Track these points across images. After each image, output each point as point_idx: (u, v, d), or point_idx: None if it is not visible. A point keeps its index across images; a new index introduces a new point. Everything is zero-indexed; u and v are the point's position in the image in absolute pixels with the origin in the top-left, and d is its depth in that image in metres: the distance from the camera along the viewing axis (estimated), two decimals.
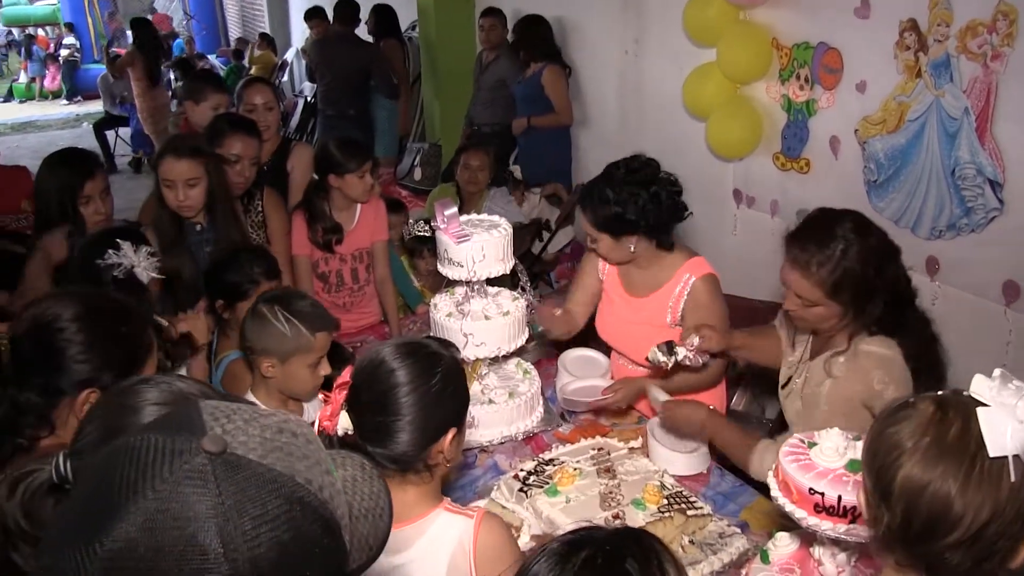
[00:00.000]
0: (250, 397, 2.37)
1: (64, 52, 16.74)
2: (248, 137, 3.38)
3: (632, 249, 2.72)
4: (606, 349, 3.11)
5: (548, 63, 5.64)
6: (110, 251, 2.33)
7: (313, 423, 1.66)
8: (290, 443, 0.84)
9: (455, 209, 2.66)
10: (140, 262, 2.37)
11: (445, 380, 1.71)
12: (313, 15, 8.44)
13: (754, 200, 4.56)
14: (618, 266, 2.90)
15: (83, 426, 1.14)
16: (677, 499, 2.47)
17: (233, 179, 3.28)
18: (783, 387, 2.53)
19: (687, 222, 2.82)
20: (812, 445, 1.73)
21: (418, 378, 1.67)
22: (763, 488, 2.59)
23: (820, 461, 1.67)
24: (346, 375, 1.67)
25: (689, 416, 2.47)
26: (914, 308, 2.29)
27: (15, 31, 20.16)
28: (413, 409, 1.66)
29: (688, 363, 2.51)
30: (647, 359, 2.52)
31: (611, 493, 2.51)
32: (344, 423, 1.65)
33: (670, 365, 2.50)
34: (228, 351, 2.75)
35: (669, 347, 2.49)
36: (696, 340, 2.48)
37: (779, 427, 2.99)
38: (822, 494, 1.60)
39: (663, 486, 2.52)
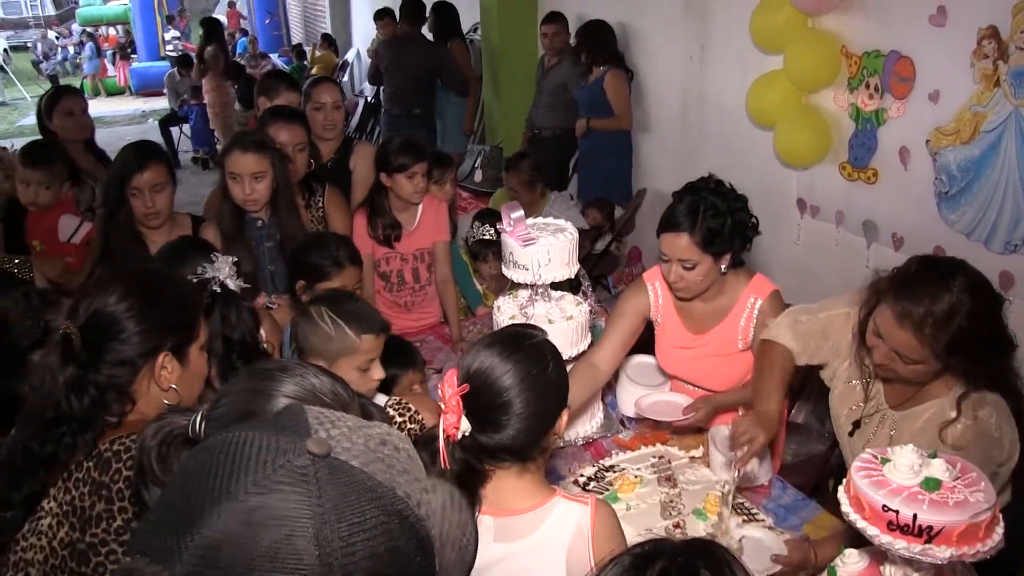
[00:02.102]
0: None
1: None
2: (290, 124, 3.39)
3: (722, 270, 2.56)
4: None
5: (610, 68, 5.62)
6: (204, 265, 2.35)
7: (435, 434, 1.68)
8: (392, 456, 0.83)
9: (522, 212, 2.67)
10: (228, 272, 2.38)
11: (554, 366, 1.74)
12: (383, 15, 8.52)
13: (818, 210, 4.49)
14: (678, 303, 2.75)
15: (220, 397, 1.21)
16: (738, 510, 2.45)
17: None
18: (852, 433, 2.38)
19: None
20: (885, 461, 1.69)
21: (530, 373, 1.68)
22: (826, 502, 2.57)
23: (894, 478, 1.64)
24: (452, 379, 1.68)
25: (801, 563, 2.23)
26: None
27: (88, 29, 20.83)
28: (530, 404, 1.67)
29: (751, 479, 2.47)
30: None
31: (672, 502, 2.49)
32: (464, 427, 1.66)
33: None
34: None
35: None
36: (755, 463, 2.41)
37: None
38: (896, 512, 1.57)
39: (724, 496, 2.50)
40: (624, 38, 5.90)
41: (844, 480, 1.74)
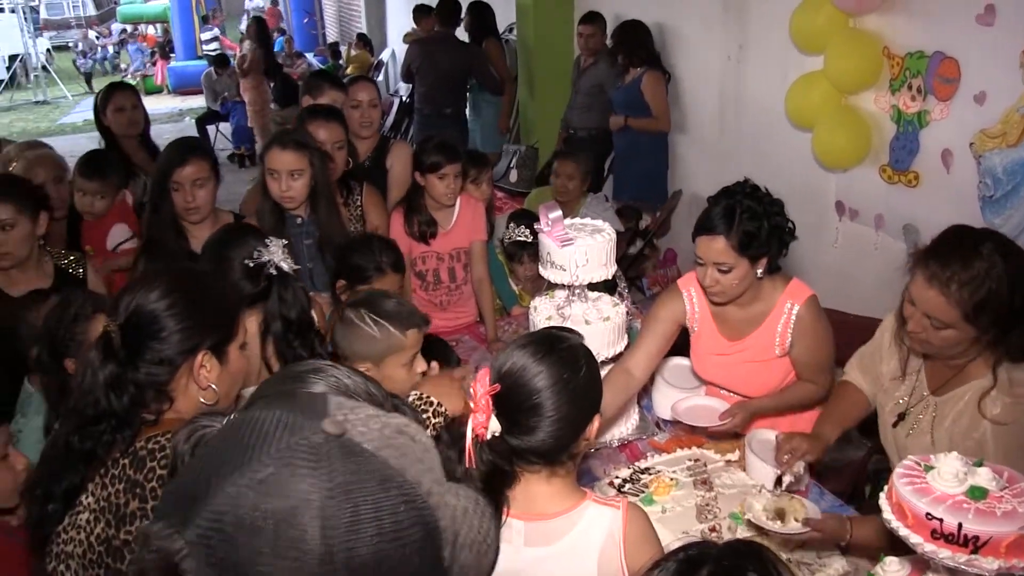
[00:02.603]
0: None
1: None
2: (328, 122, 3.43)
3: (759, 274, 2.54)
4: None
5: (648, 69, 5.58)
6: (259, 249, 2.39)
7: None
8: (407, 445, 0.84)
9: (559, 212, 2.66)
10: (282, 255, 2.43)
11: (587, 371, 1.72)
12: (423, 13, 8.55)
13: (857, 213, 4.43)
14: (714, 309, 2.73)
15: (252, 399, 1.20)
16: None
17: None
18: (896, 424, 2.38)
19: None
20: (928, 468, 1.66)
21: (563, 376, 1.67)
22: (863, 509, 2.54)
23: (938, 485, 1.61)
24: (484, 378, 1.68)
25: (835, 533, 2.22)
26: None
27: (128, 28, 21.20)
28: (562, 408, 1.66)
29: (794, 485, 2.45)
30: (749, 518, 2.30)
31: (708, 505, 2.48)
32: (494, 427, 1.66)
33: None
34: None
35: (779, 483, 2.44)
36: (802, 466, 2.42)
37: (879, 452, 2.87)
38: (940, 520, 1.54)
39: None
40: (661, 38, 5.87)
41: (886, 486, 1.72)
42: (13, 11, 18.35)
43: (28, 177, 3.32)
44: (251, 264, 2.38)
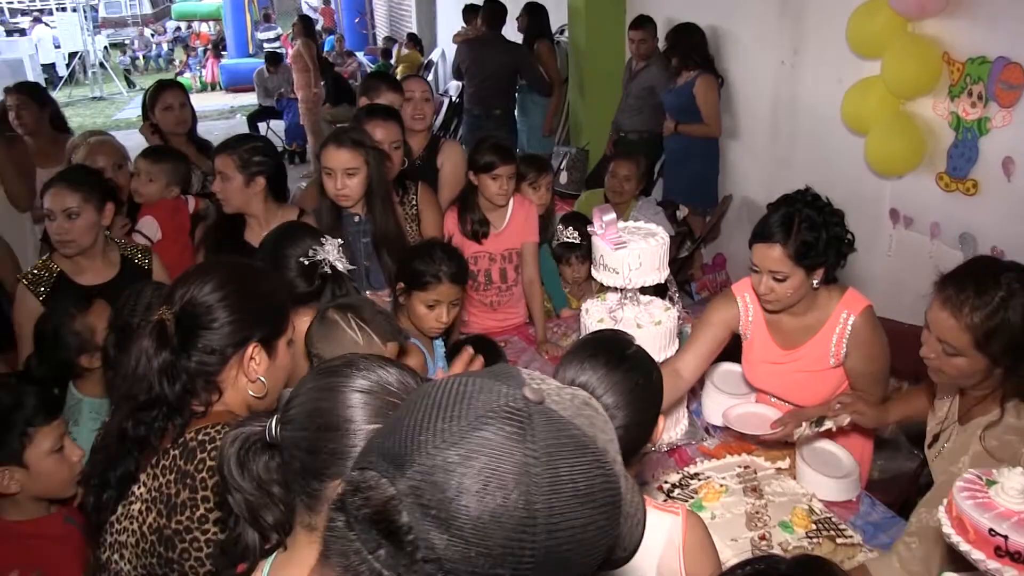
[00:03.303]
0: None
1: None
2: (386, 122, 3.45)
3: (814, 285, 2.52)
4: None
5: (701, 72, 5.55)
6: (314, 248, 2.42)
7: None
8: (593, 415, 0.87)
9: (614, 215, 2.66)
10: (336, 255, 2.45)
11: (656, 376, 1.73)
12: (473, 13, 8.59)
13: (912, 221, 4.37)
14: (768, 317, 2.72)
15: (291, 399, 1.23)
16: (826, 525, 2.41)
17: None
18: (930, 446, 2.35)
19: None
20: (991, 483, 1.64)
21: (637, 383, 1.67)
22: None
23: (1001, 501, 1.58)
24: None
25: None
26: None
27: (182, 26, 21.61)
28: (635, 414, 1.66)
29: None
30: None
31: (758, 513, 2.46)
32: None
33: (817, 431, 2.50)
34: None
35: (818, 422, 2.47)
36: (846, 419, 2.44)
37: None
38: (1005, 537, 1.52)
39: (812, 510, 2.46)
40: (715, 42, 5.83)
41: (946, 500, 1.69)
42: (75, 10, 18.81)
43: (90, 163, 3.38)
44: (306, 262, 2.41)
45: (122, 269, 3.05)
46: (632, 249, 2.65)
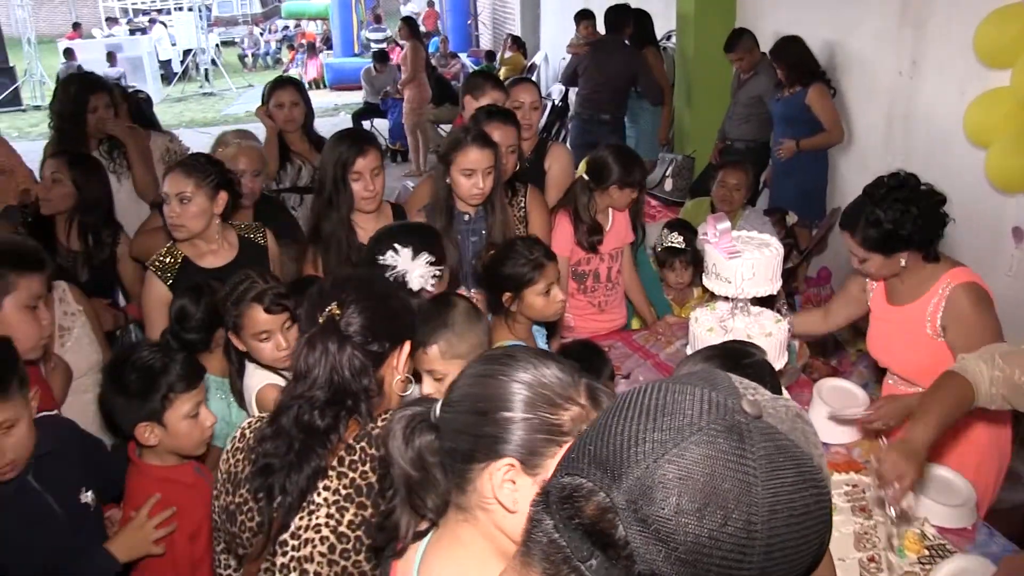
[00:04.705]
0: None
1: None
2: (505, 125, 3.45)
3: (903, 263, 2.65)
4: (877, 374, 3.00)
5: (813, 82, 5.42)
6: (389, 252, 2.45)
7: None
8: (806, 428, 0.85)
9: (728, 224, 2.64)
10: (415, 269, 2.45)
11: (770, 389, 1.70)
12: (583, 17, 8.59)
13: None
14: (884, 280, 2.86)
15: (455, 383, 1.28)
16: (940, 552, 2.33)
17: None
18: None
19: (959, 256, 2.73)
20: None
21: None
22: None
23: None
24: None
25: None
26: None
27: (291, 25, 22.28)
28: None
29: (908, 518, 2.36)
30: None
31: (866, 534, 2.40)
32: None
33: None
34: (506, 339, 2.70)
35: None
36: (911, 498, 2.26)
37: None
38: None
39: (924, 535, 2.38)
40: (828, 52, 5.70)
41: None
42: (191, 9, 19.60)
43: (232, 164, 3.40)
44: (379, 261, 2.46)
45: (241, 249, 3.13)
46: (746, 259, 2.63)
